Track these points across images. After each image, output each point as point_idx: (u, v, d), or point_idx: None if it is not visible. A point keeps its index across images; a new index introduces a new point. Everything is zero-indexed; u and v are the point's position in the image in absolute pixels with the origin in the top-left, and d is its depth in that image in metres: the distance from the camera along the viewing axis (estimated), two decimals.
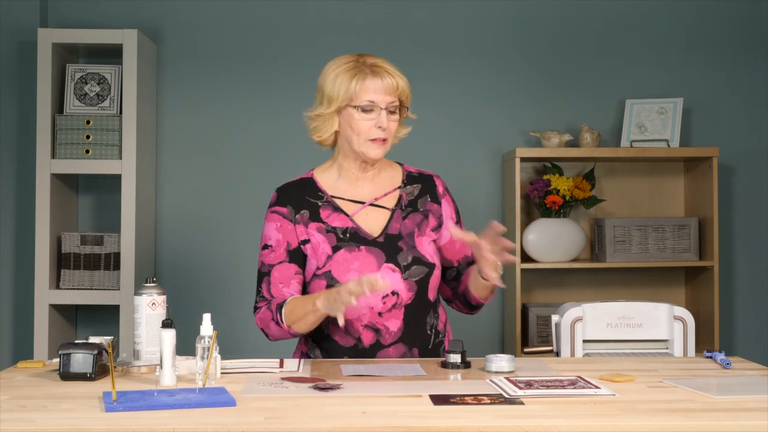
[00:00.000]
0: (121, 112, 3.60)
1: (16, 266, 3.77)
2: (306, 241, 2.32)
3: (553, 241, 3.65)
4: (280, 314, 2.22)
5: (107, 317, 3.74)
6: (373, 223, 2.33)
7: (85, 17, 3.82)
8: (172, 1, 3.87)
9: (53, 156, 3.55)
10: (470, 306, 2.40)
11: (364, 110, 2.28)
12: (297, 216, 2.34)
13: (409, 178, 2.42)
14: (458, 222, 2.42)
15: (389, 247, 2.30)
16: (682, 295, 3.88)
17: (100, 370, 1.99)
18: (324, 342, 2.33)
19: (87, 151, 3.55)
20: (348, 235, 2.30)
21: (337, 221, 2.32)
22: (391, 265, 2.27)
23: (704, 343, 3.61)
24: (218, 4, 3.87)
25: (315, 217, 2.33)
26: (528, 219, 3.83)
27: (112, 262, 3.58)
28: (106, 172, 3.55)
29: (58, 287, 3.59)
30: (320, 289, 2.26)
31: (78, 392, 1.85)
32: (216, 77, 3.86)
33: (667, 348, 2.62)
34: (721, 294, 3.80)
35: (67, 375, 1.97)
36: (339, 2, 3.89)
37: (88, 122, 3.56)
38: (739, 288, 3.91)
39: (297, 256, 2.32)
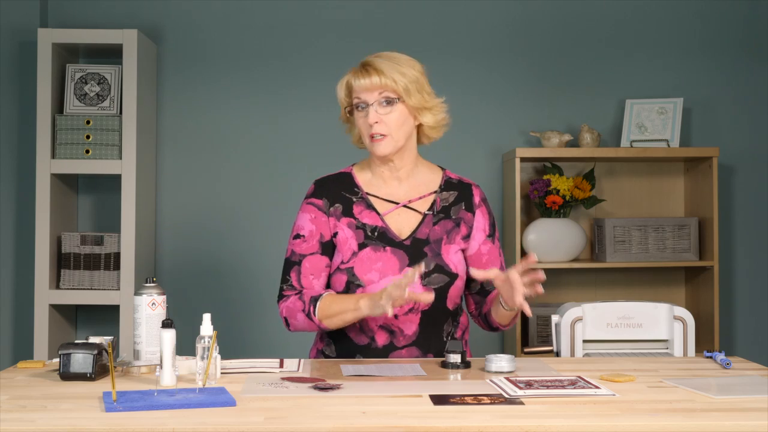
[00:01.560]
0: (121, 112, 3.60)
1: (16, 266, 3.77)
2: (335, 234, 2.33)
3: (553, 241, 3.65)
4: (314, 307, 2.23)
5: (107, 317, 3.74)
6: (402, 224, 2.33)
7: (85, 17, 3.83)
8: (172, 1, 3.87)
9: (53, 156, 3.55)
10: (491, 327, 2.41)
11: (358, 109, 2.31)
12: (331, 209, 2.34)
13: (447, 184, 2.41)
14: (491, 235, 2.40)
15: (414, 251, 2.30)
16: (682, 295, 3.88)
17: (100, 370, 1.99)
18: (339, 339, 2.34)
19: (87, 151, 3.55)
20: (376, 234, 2.31)
21: (367, 218, 2.32)
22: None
23: (704, 343, 3.61)
24: (218, 4, 3.87)
25: (347, 211, 2.33)
26: (528, 219, 3.83)
27: (112, 262, 3.58)
28: (106, 172, 3.55)
29: (58, 287, 3.59)
30: (341, 284, 2.29)
31: (78, 392, 1.85)
32: (216, 77, 3.86)
33: (667, 348, 2.62)
34: (721, 294, 3.80)
35: (67, 375, 1.97)
36: (339, 2, 3.89)
37: (88, 122, 3.56)
38: (739, 288, 3.91)
39: (328, 249, 2.33)
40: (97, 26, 3.79)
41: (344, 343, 2.33)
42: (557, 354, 2.61)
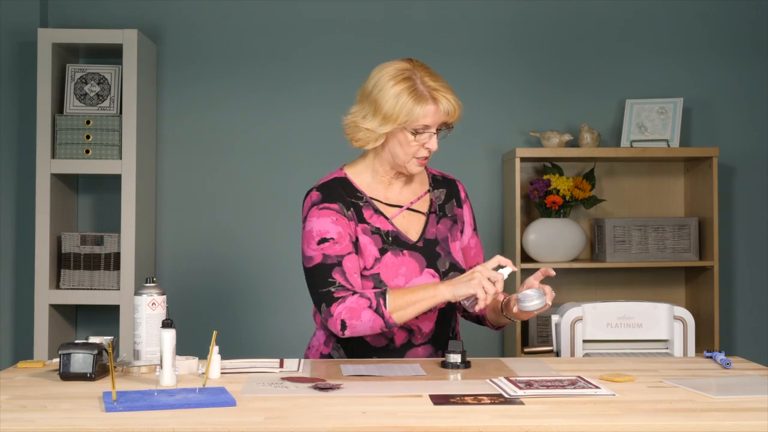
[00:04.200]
0: (121, 112, 3.60)
1: (16, 266, 3.77)
2: (356, 239, 2.29)
3: (553, 241, 3.65)
4: (384, 300, 2.13)
5: (107, 317, 3.74)
6: (409, 226, 2.33)
7: (85, 17, 3.83)
8: (172, 1, 3.87)
9: (53, 156, 3.55)
10: (479, 323, 2.43)
11: (417, 132, 2.23)
12: (348, 212, 2.28)
13: (435, 182, 2.42)
14: (476, 228, 2.45)
15: (429, 252, 2.30)
16: (682, 295, 3.88)
17: (100, 370, 1.98)
18: (350, 343, 2.29)
19: (87, 151, 3.55)
20: (390, 238, 2.29)
21: (378, 223, 2.30)
22: (432, 270, 2.28)
23: (704, 343, 3.61)
24: (218, 4, 3.87)
25: (360, 217, 2.30)
26: (528, 219, 3.83)
27: (112, 262, 3.58)
28: (106, 172, 3.55)
29: (58, 287, 3.59)
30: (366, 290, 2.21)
31: (78, 392, 1.85)
32: (216, 77, 3.86)
33: (667, 348, 2.62)
34: (721, 294, 3.80)
35: (67, 375, 1.97)
36: (339, 2, 3.89)
37: (88, 122, 3.56)
38: (739, 288, 3.91)
39: (357, 250, 2.27)
40: (97, 26, 3.79)
41: (357, 347, 2.29)
42: (557, 354, 2.61)
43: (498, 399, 1.77)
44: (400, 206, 2.35)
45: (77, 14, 3.83)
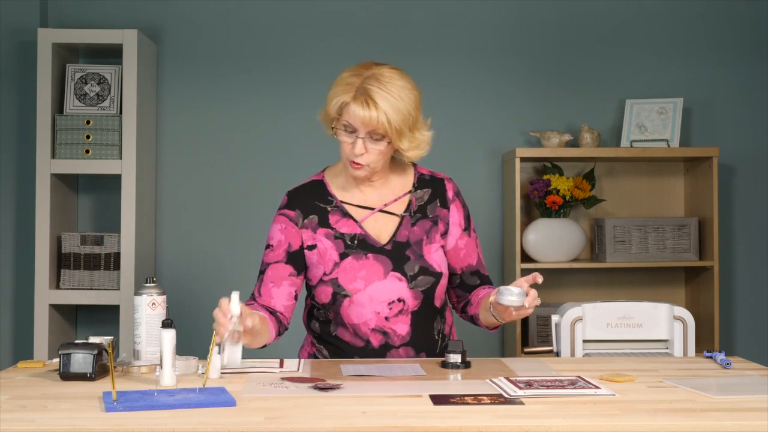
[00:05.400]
0: (121, 112, 3.60)
1: (16, 266, 3.77)
2: (313, 246, 2.30)
3: (553, 241, 3.65)
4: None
5: (107, 317, 3.74)
6: (381, 229, 2.31)
7: (85, 17, 3.83)
8: (172, 1, 3.87)
9: (53, 156, 3.55)
10: (474, 323, 2.41)
11: (346, 130, 2.23)
12: (305, 221, 2.31)
13: (420, 182, 2.37)
14: (467, 228, 2.37)
15: (397, 255, 2.28)
16: (682, 295, 3.88)
17: (100, 370, 1.99)
18: (333, 343, 2.34)
19: (87, 151, 3.55)
20: (356, 242, 2.29)
21: (345, 227, 2.30)
22: (398, 274, 2.27)
23: (704, 343, 3.61)
24: (218, 4, 3.87)
25: (323, 222, 2.31)
26: (528, 219, 3.83)
27: (112, 262, 3.58)
28: (106, 172, 3.55)
29: (58, 287, 3.59)
30: (326, 295, 2.27)
31: (78, 392, 1.85)
32: (216, 77, 3.86)
33: (667, 348, 2.62)
34: (721, 294, 3.80)
35: (67, 375, 1.97)
36: (339, 2, 3.89)
37: (88, 122, 3.56)
38: (739, 288, 3.91)
39: (295, 259, 2.31)
40: (97, 26, 3.79)
41: (339, 347, 2.32)
42: (557, 354, 2.61)
43: (498, 399, 1.77)
44: (373, 208, 2.33)
45: (77, 14, 3.83)
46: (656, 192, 3.89)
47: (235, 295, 1.96)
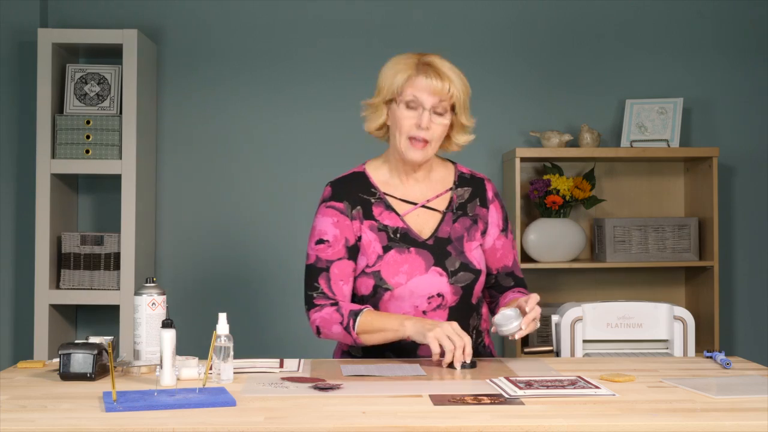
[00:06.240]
0: (121, 112, 3.60)
1: (16, 266, 3.77)
2: (359, 238, 2.30)
3: (553, 241, 3.65)
4: (354, 321, 2.20)
5: (107, 317, 3.74)
6: (423, 224, 2.32)
7: (85, 17, 3.83)
8: (172, 1, 3.87)
9: (53, 156, 3.55)
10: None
11: (408, 106, 2.26)
12: (353, 212, 2.31)
13: (461, 180, 2.39)
14: (505, 229, 2.40)
15: (438, 250, 2.29)
16: (682, 295, 3.88)
17: (100, 370, 1.98)
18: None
19: (87, 151, 3.55)
20: (398, 235, 2.29)
21: (388, 220, 2.31)
22: (439, 269, 2.27)
23: (704, 343, 3.61)
24: (218, 4, 3.87)
25: (368, 214, 2.31)
26: (528, 219, 3.83)
27: (112, 262, 3.58)
28: (106, 172, 3.55)
29: (58, 287, 3.59)
30: (367, 287, 2.27)
31: (78, 392, 1.85)
32: (216, 77, 3.86)
33: (667, 348, 2.62)
34: (721, 294, 3.80)
35: (67, 375, 1.97)
36: (339, 2, 3.89)
37: (88, 122, 3.56)
38: (739, 288, 3.91)
39: (354, 253, 2.30)
40: (97, 26, 3.79)
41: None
42: (557, 354, 2.61)
43: (498, 399, 1.77)
44: (416, 203, 2.34)
45: (77, 14, 3.83)
46: (656, 192, 3.89)
47: (222, 317, 1.97)
